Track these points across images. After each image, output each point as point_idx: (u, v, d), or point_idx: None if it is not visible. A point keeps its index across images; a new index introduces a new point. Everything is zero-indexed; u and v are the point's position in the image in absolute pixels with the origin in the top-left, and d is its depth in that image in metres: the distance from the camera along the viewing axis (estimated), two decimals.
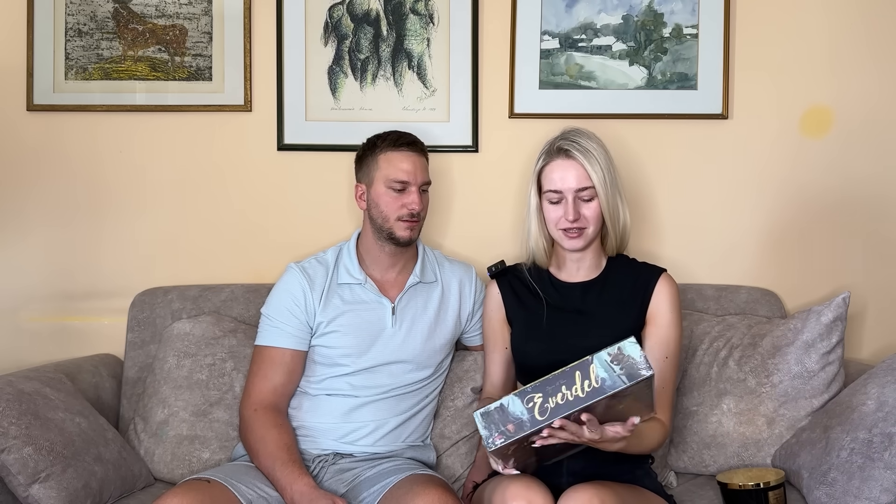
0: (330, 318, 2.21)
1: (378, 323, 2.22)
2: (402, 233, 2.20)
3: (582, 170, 1.99)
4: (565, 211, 2.00)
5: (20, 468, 1.98)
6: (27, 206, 2.65)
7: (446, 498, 1.88)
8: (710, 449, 2.26)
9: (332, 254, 2.30)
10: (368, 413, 2.18)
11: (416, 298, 2.26)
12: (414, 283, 2.26)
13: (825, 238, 2.58)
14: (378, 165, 2.22)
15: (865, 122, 2.56)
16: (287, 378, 2.20)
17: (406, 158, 2.21)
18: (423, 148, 2.27)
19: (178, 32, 2.62)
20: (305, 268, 2.26)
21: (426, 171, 2.26)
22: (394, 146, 2.22)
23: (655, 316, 2.04)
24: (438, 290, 2.29)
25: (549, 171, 2.03)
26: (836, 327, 2.27)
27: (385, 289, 2.26)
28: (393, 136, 2.24)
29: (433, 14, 2.59)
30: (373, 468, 2.11)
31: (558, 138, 2.05)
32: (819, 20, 2.56)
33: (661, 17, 2.56)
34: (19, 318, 2.66)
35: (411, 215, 2.19)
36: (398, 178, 2.20)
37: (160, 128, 2.64)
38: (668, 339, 2.03)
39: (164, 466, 2.29)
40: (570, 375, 1.69)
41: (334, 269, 2.27)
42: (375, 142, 2.25)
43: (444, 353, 2.29)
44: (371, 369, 2.20)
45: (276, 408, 2.17)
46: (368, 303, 2.23)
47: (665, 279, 2.07)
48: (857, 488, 1.91)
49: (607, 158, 2.03)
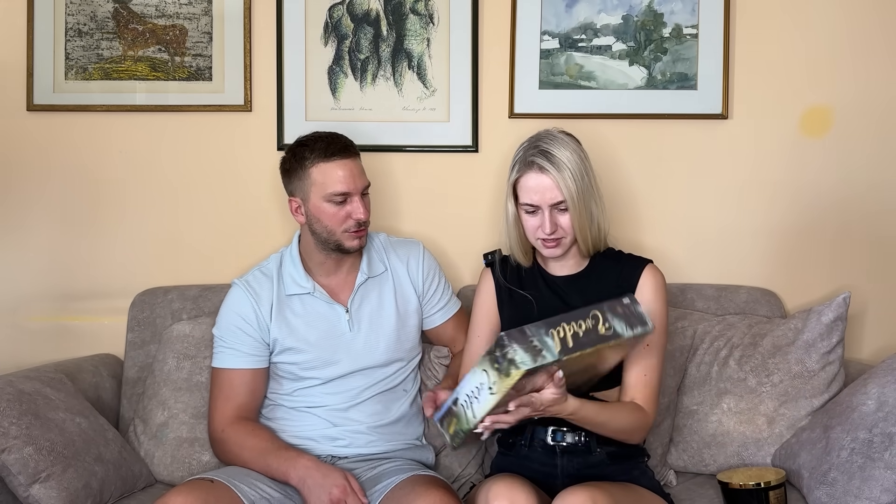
0: (285, 334, 2.15)
1: (335, 330, 2.17)
2: (351, 243, 2.12)
3: (555, 184, 1.95)
4: (542, 223, 1.98)
5: (21, 468, 1.98)
6: (27, 206, 2.65)
7: (448, 499, 1.88)
8: (710, 448, 2.26)
9: (275, 262, 2.22)
10: (351, 417, 2.16)
11: (369, 295, 2.20)
12: (363, 280, 2.19)
13: (825, 238, 2.58)
14: (311, 179, 2.09)
15: (865, 122, 2.56)
16: (251, 396, 2.16)
17: (341, 167, 2.09)
18: (355, 149, 2.15)
19: (178, 32, 2.62)
20: (250, 282, 2.19)
21: (363, 173, 2.14)
22: (324, 156, 2.09)
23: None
24: (389, 281, 2.23)
25: (523, 183, 1.99)
26: (837, 327, 2.27)
27: (335, 292, 2.19)
28: (321, 145, 2.10)
29: (433, 14, 2.59)
30: (374, 469, 2.11)
31: (531, 147, 1.99)
32: (819, 20, 2.56)
33: (660, 17, 2.57)
34: (19, 318, 2.66)
35: (358, 224, 2.11)
36: (337, 190, 2.08)
37: (160, 128, 2.64)
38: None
39: (164, 469, 2.29)
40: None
41: (278, 279, 2.19)
42: (303, 153, 2.11)
43: (411, 341, 2.24)
44: (340, 378, 2.16)
45: (245, 420, 2.13)
46: (321, 312, 2.17)
47: (649, 270, 2.06)
48: (857, 488, 1.91)
49: (581, 165, 1.97)
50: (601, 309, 1.78)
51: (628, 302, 1.82)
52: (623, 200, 2.57)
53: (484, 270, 2.18)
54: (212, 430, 2.16)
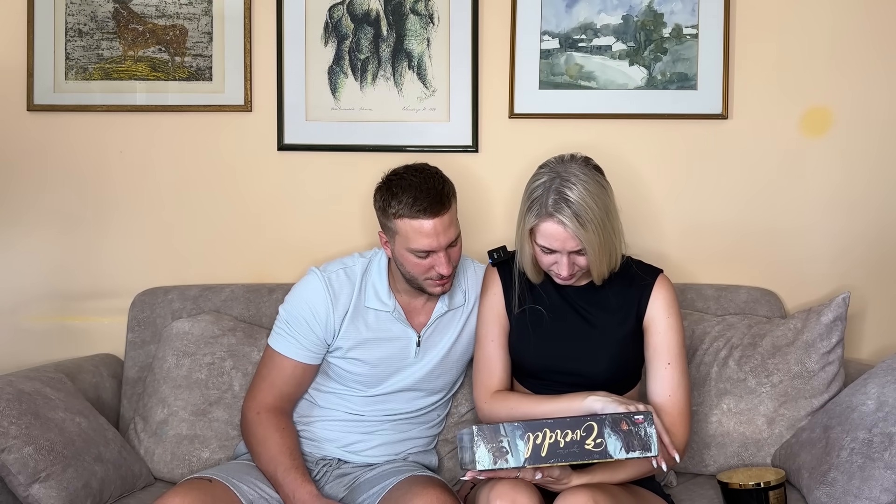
0: (351, 344, 2.10)
1: (400, 354, 2.13)
2: (433, 290, 2.05)
3: (576, 238, 1.89)
4: (559, 266, 1.95)
5: (20, 468, 1.98)
6: (27, 207, 2.65)
7: (445, 498, 1.88)
8: (710, 448, 2.26)
9: (361, 267, 2.13)
10: (375, 429, 2.16)
11: (442, 328, 2.15)
12: (442, 312, 2.13)
13: (825, 238, 2.58)
14: (396, 229, 1.99)
15: (865, 122, 2.56)
16: (295, 388, 2.15)
17: (426, 225, 1.96)
18: (445, 202, 1.98)
19: (179, 32, 2.62)
20: (331, 280, 2.10)
21: (451, 226, 2.00)
22: (410, 212, 1.95)
23: (653, 323, 2.02)
24: (466, 313, 2.17)
25: (543, 230, 1.92)
26: (836, 327, 2.27)
27: (412, 315, 2.13)
28: (408, 199, 1.96)
29: (433, 14, 2.59)
30: (372, 470, 2.11)
31: (552, 192, 1.89)
32: (819, 20, 2.56)
33: (660, 18, 2.57)
34: (19, 318, 2.66)
35: (440, 276, 2.02)
36: (420, 247, 1.97)
37: (160, 128, 2.64)
38: (669, 344, 2.00)
39: (164, 466, 2.29)
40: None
41: (361, 286, 2.11)
42: (391, 202, 1.98)
43: (461, 373, 2.23)
44: (384, 396, 2.15)
45: (281, 411, 2.13)
46: (394, 333, 2.12)
47: (660, 283, 2.04)
48: (857, 488, 1.91)
49: (604, 208, 1.91)
50: (600, 422, 1.73)
51: (641, 419, 1.74)
52: (623, 201, 2.54)
53: (490, 269, 2.14)
54: (247, 407, 2.12)
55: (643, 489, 1.98)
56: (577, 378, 2.01)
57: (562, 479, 1.80)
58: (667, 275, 2.08)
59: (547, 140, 2.55)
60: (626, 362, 2.03)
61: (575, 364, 2.01)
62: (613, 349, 2.01)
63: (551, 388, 2.02)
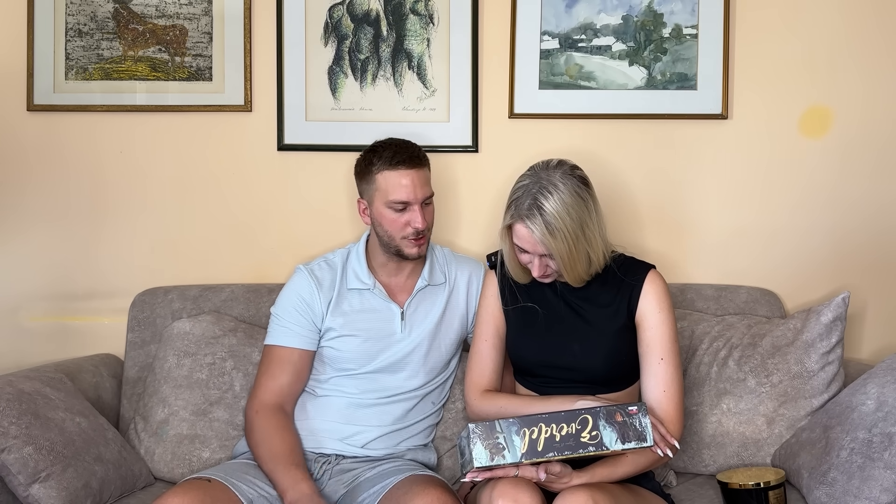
0: (339, 324, 2.19)
1: (387, 329, 2.21)
2: (410, 250, 2.17)
3: (543, 244, 1.92)
4: (532, 266, 1.99)
5: (20, 468, 1.98)
6: (27, 206, 2.65)
7: (445, 498, 1.88)
8: (709, 448, 2.26)
9: (341, 256, 2.27)
10: (371, 415, 2.18)
11: (425, 302, 2.24)
12: (422, 286, 2.24)
13: (825, 238, 2.58)
14: (376, 185, 2.15)
15: (865, 123, 2.56)
16: (295, 377, 2.19)
17: (404, 176, 2.13)
18: (422, 159, 2.18)
19: (179, 32, 2.62)
20: (314, 269, 2.24)
21: (427, 184, 2.18)
22: (390, 164, 2.13)
23: (644, 318, 2.02)
24: (447, 294, 2.26)
25: (515, 231, 1.96)
26: (836, 327, 2.27)
27: (394, 293, 2.24)
28: (388, 153, 2.15)
29: (433, 14, 2.60)
30: (372, 469, 2.11)
31: (528, 196, 1.92)
32: (819, 20, 2.56)
33: (660, 18, 2.57)
34: (19, 318, 2.66)
35: (416, 233, 2.15)
36: (398, 198, 2.13)
37: (160, 128, 2.64)
38: (662, 339, 2.00)
39: (165, 466, 2.29)
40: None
41: (343, 272, 2.24)
42: (371, 158, 2.17)
43: (450, 354, 2.27)
44: (376, 373, 2.19)
45: (281, 409, 2.16)
46: (378, 308, 2.22)
47: (651, 279, 2.04)
48: (857, 488, 1.91)
49: (578, 217, 1.92)
50: (594, 414, 1.75)
51: (635, 410, 1.77)
52: (622, 201, 2.57)
53: (488, 272, 2.18)
54: (248, 406, 2.18)
55: (643, 489, 1.98)
56: (575, 374, 2.02)
57: (563, 476, 1.81)
58: (662, 273, 2.08)
59: (547, 140, 2.55)
60: (622, 356, 2.04)
61: (572, 359, 2.03)
62: (609, 343, 2.02)
63: (551, 385, 2.04)
